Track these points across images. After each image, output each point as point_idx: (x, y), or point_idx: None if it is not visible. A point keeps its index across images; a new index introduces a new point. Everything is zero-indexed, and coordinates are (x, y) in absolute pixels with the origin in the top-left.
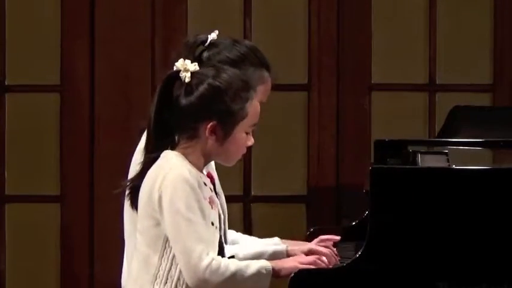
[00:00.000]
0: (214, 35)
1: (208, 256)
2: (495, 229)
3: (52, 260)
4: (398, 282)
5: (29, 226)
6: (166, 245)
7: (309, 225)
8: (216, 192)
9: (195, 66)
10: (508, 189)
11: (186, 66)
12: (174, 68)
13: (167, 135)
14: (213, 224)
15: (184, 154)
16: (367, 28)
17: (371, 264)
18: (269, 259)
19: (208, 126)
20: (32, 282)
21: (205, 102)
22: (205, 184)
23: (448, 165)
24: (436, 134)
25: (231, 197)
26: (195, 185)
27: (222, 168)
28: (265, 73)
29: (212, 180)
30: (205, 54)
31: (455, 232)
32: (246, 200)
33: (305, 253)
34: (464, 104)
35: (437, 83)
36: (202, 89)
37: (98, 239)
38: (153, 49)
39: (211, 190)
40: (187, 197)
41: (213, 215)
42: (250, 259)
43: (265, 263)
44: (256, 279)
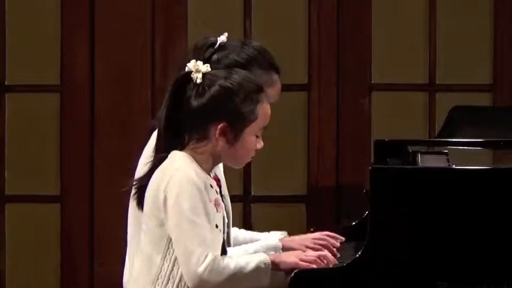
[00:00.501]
0: (223, 37)
1: (207, 258)
2: (495, 229)
3: (52, 260)
4: (399, 282)
5: (29, 226)
6: (170, 246)
7: (309, 225)
8: (221, 195)
9: (207, 68)
10: (508, 189)
11: (198, 67)
12: (186, 68)
13: (178, 136)
14: (217, 226)
15: (193, 155)
16: (367, 28)
17: (371, 264)
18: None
19: (219, 127)
20: (32, 282)
21: (216, 103)
22: (212, 186)
23: (448, 165)
24: (436, 134)
25: (231, 197)
26: (201, 187)
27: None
28: (274, 75)
29: (218, 183)
30: (215, 57)
31: (455, 232)
32: (246, 200)
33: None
34: (464, 104)
35: (437, 83)
36: (213, 90)
37: (98, 239)
38: (153, 49)
39: (217, 193)
40: (193, 199)
41: (218, 217)
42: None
43: (264, 256)
44: (256, 274)
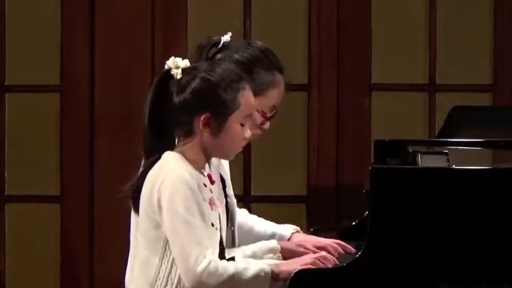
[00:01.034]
0: (227, 37)
1: (205, 259)
2: (495, 229)
3: (52, 260)
4: (399, 282)
5: (29, 226)
6: (167, 247)
7: (309, 225)
8: (226, 194)
9: (185, 63)
10: (508, 189)
11: (176, 63)
12: (166, 66)
13: (164, 135)
14: (213, 225)
15: (183, 152)
16: (367, 28)
17: (371, 264)
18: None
19: (202, 118)
20: (32, 282)
21: (198, 96)
22: (205, 185)
23: (448, 165)
24: (436, 134)
25: None
26: (195, 187)
27: None
28: (278, 76)
29: (212, 180)
30: (218, 56)
31: (456, 232)
32: (246, 200)
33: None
34: (464, 104)
35: (437, 83)
36: (194, 84)
37: (98, 239)
38: (153, 49)
39: (211, 191)
40: (186, 199)
41: (213, 216)
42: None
43: (264, 265)
44: (255, 282)
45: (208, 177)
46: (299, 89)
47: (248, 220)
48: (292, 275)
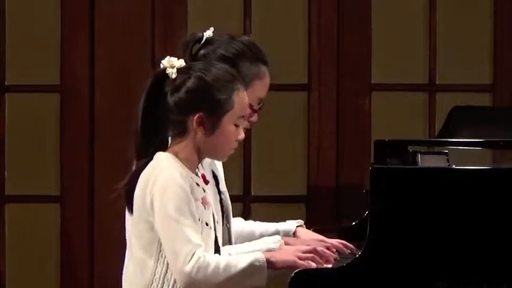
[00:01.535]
0: (209, 32)
1: (194, 256)
2: (495, 229)
3: (52, 260)
4: (399, 282)
5: (29, 226)
6: (161, 249)
7: (309, 225)
8: (219, 191)
9: (180, 62)
10: (508, 189)
11: (172, 63)
12: (161, 65)
13: (157, 135)
14: (207, 224)
15: (176, 152)
16: (367, 28)
17: (371, 264)
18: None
19: (195, 117)
20: (32, 282)
21: (192, 95)
22: (198, 185)
23: (448, 165)
24: (436, 134)
25: (231, 197)
26: (186, 187)
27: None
28: (262, 67)
29: (205, 180)
30: (202, 52)
31: (455, 232)
32: (246, 200)
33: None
34: (464, 104)
35: (437, 83)
36: (189, 83)
37: (98, 239)
38: (153, 49)
39: (204, 190)
40: (177, 200)
41: (206, 215)
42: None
43: (259, 254)
44: (250, 272)
45: (202, 177)
46: (299, 89)
47: (247, 224)
48: (292, 275)
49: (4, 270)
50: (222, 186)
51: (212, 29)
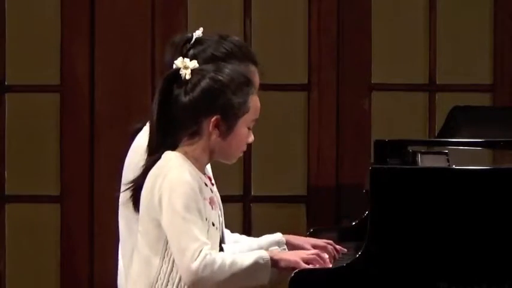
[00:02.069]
0: (199, 32)
1: (201, 253)
2: (495, 229)
3: (52, 260)
4: (399, 282)
5: (29, 226)
6: (167, 247)
7: (309, 225)
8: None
9: (194, 63)
10: (508, 189)
11: (185, 64)
12: (174, 66)
13: (169, 135)
14: (213, 224)
15: (187, 152)
16: (367, 28)
17: (371, 264)
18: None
19: (212, 120)
20: (32, 282)
21: (208, 96)
22: (206, 185)
23: (448, 165)
24: (436, 134)
25: (231, 197)
26: (195, 187)
27: (222, 168)
28: (252, 67)
29: (212, 181)
30: (191, 52)
31: (456, 232)
32: (246, 200)
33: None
34: (464, 104)
35: (437, 83)
36: (204, 84)
37: (98, 239)
38: (153, 49)
39: (212, 191)
40: (186, 198)
41: (213, 215)
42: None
43: (263, 252)
44: (254, 270)
45: (209, 179)
46: (299, 89)
47: (237, 236)
48: (292, 275)
49: (4, 270)
50: (213, 188)
51: (202, 29)
